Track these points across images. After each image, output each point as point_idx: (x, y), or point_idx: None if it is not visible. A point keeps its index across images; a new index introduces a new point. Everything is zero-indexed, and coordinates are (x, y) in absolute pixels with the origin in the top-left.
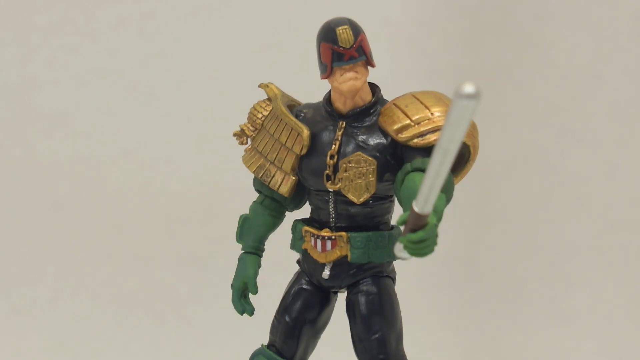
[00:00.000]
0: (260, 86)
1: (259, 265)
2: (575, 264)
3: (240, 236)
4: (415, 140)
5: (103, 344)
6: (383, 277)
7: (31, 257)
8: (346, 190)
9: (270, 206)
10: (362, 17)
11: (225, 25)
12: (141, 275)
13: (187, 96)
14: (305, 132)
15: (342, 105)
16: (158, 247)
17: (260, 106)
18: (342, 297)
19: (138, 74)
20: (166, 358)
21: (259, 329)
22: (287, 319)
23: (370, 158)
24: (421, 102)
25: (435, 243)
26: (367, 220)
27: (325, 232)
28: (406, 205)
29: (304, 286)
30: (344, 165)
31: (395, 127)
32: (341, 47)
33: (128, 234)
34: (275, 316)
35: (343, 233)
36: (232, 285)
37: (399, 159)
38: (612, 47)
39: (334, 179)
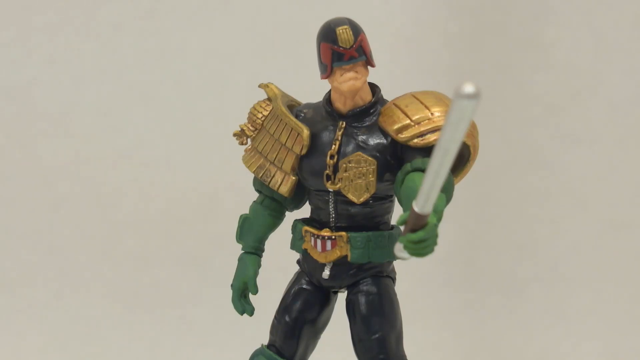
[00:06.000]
0: (260, 86)
1: (259, 265)
2: (575, 264)
3: (240, 236)
4: (415, 140)
5: (103, 344)
6: (383, 277)
7: (31, 257)
8: (346, 190)
9: (270, 206)
10: (362, 17)
11: (225, 25)
12: (141, 275)
13: (187, 96)
14: (305, 132)
15: (342, 105)
16: (158, 247)
17: (260, 106)
18: (342, 297)
19: (138, 74)
20: (166, 358)
21: (259, 329)
22: (287, 318)
23: (370, 158)
24: (421, 102)
25: (435, 243)
26: (367, 220)
27: (325, 232)
28: (406, 205)
29: (304, 286)
30: (344, 165)
31: (395, 127)
32: (341, 47)
33: (128, 234)
34: (275, 316)
35: (343, 233)
36: (232, 285)
37: (399, 159)
38: (612, 47)
39: (334, 179)
